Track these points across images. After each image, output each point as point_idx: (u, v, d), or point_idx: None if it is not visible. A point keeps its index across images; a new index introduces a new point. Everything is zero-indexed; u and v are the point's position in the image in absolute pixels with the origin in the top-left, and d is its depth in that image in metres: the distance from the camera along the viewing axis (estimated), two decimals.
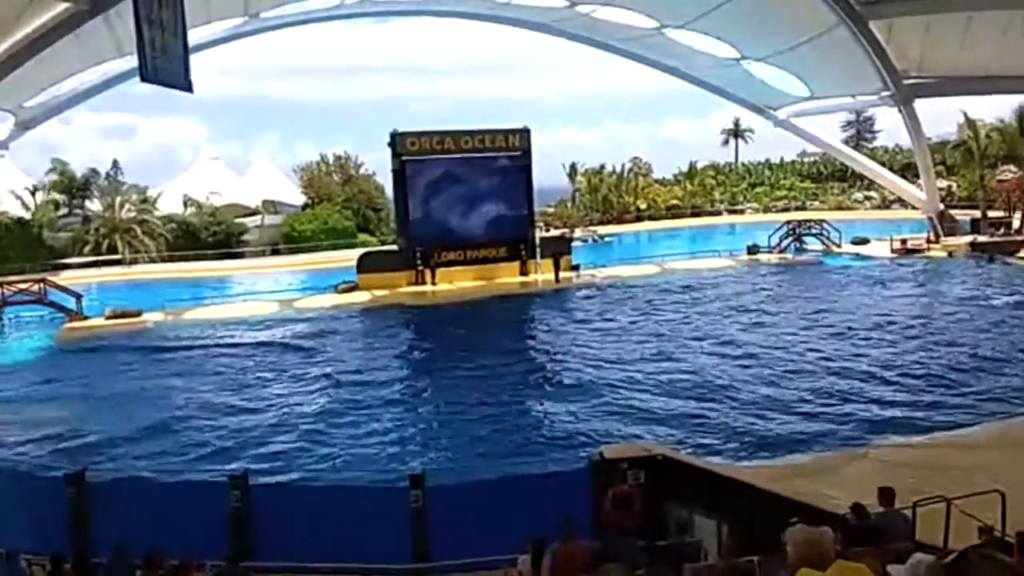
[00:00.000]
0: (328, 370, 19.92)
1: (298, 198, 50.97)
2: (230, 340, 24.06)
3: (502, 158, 33.22)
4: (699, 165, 64.85)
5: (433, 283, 31.60)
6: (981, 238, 36.82)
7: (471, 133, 33.16)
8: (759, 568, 5.50)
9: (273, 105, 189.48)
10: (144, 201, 45.16)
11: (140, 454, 14.09)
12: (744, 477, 10.00)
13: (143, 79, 14.54)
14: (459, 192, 32.36)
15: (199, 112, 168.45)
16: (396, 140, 31.89)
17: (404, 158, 31.99)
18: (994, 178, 44.11)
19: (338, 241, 44.63)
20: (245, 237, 46.23)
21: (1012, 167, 42.87)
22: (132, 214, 43.47)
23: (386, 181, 40.78)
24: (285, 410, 16.63)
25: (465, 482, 10.35)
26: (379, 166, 45.43)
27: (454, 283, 31.74)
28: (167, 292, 30.64)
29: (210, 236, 44.35)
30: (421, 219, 32.26)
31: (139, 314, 27.63)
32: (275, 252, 44.99)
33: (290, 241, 45.25)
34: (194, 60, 16.67)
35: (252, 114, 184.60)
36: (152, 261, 41.71)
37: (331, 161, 53.01)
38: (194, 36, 21.69)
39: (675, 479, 9.38)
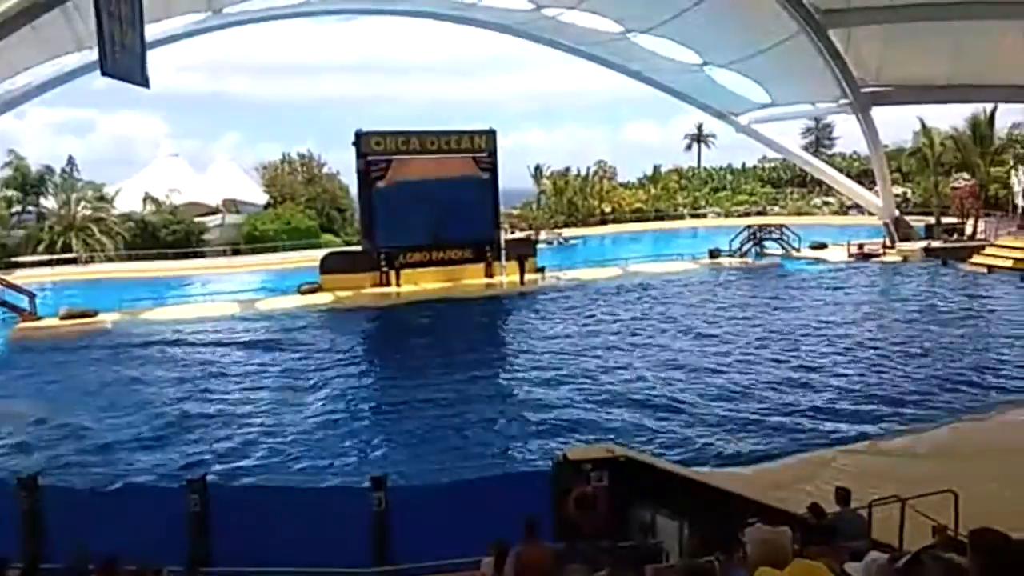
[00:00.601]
0: (288, 372, 19.71)
1: (260, 197, 50.26)
2: (188, 341, 23.61)
3: (468, 159, 33.15)
4: (663, 169, 65.58)
5: (398, 284, 31.41)
6: (935, 244, 37.67)
7: (437, 134, 32.97)
8: (719, 567, 5.56)
9: (235, 102, 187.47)
10: (101, 199, 44.18)
11: (93, 457, 13.78)
12: (706, 478, 10.12)
13: (103, 73, 14.26)
14: (424, 193, 31.97)
15: (159, 108, 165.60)
16: (361, 140, 31.60)
17: (369, 158, 31.76)
18: (948, 185, 45.19)
19: (301, 241, 44.13)
20: (205, 236, 45.43)
21: (965, 175, 43.97)
22: (88, 212, 42.50)
23: (350, 181, 40.50)
24: (243, 413, 16.36)
25: (427, 484, 10.29)
26: (343, 166, 45.09)
27: (419, 284, 31.55)
28: (124, 292, 29.98)
29: (169, 235, 43.51)
30: (386, 220, 31.96)
31: (95, 314, 27.03)
32: (236, 252, 44.24)
33: (252, 241, 44.60)
34: (154, 55, 16.41)
35: (214, 111, 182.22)
36: (109, 260, 40.77)
37: (294, 160, 52.42)
38: (154, 31, 21.34)
39: (638, 481, 9.45)
